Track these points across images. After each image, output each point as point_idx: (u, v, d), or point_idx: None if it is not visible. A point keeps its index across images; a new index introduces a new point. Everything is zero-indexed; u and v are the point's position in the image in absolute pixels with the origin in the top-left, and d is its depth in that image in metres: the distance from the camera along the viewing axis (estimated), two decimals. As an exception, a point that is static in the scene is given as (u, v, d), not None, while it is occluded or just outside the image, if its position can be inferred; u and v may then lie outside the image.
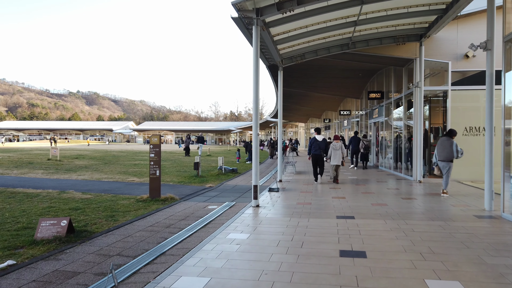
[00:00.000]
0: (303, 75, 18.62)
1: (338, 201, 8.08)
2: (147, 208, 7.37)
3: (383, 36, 11.40)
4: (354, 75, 17.97)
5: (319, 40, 11.11)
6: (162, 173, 14.42)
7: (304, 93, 24.95)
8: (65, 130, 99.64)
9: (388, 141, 16.07)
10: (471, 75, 12.32)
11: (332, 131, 33.47)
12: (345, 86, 21.08)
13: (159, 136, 8.46)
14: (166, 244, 4.91)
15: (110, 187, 10.22)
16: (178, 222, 6.24)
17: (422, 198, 8.53)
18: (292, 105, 33.51)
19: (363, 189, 9.90)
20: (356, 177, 13.13)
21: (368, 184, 10.96)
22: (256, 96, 7.55)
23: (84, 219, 6.29)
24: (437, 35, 11.84)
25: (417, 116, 11.96)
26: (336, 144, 11.52)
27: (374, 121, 18.47)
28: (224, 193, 9.73)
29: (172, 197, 8.44)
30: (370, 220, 6.17)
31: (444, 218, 6.35)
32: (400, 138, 14.16)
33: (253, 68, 7.56)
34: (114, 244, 4.99)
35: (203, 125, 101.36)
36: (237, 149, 24.06)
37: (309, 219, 6.33)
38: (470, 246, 4.69)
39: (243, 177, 13.92)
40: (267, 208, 7.38)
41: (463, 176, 11.86)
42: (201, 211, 7.18)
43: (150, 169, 8.36)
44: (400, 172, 13.83)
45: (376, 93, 16.33)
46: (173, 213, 7.00)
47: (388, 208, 7.26)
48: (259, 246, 4.75)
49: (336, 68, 16.62)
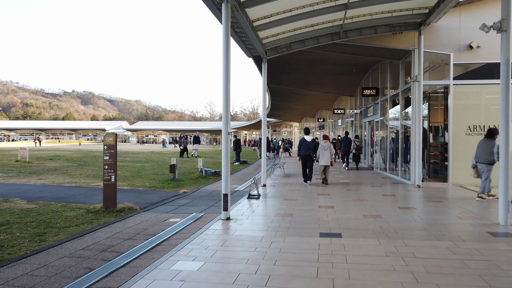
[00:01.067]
0: (294, 71, 17.41)
1: (324, 211, 6.87)
2: (93, 222, 6.12)
3: (378, 24, 10.21)
4: (347, 71, 16.78)
5: (306, 28, 9.90)
6: (137, 176, 13.16)
7: (297, 91, 23.74)
8: (57, 130, 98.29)
9: (384, 141, 14.90)
10: (474, 68, 11.17)
11: (327, 131, 32.32)
12: (339, 83, 19.90)
13: (114, 136, 7.21)
14: (85, 280, 3.66)
15: (67, 194, 8.95)
16: (121, 243, 4.99)
17: (422, 207, 7.35)
18: (284, 103, 32.32)
19: (354, 196, 8.70)
20: (349, 180, 11.93)
21: (361, 189, 9.77)
22: (226, 88, 6.32)
23: (2, 239, 5.03)
24: (437, 23, 10.67)
25: (415, 114, 10.78)
26: (324, 144, 10.97)
27: (369, 120, 17.30)
28: (196, 201, 8.50)
29: (130, 207, 7.19)
30: (361, 240, 4.96)
31: (451, 236, 5.16)
32: (397, 138, 12.98)
33: (222, 53, 6.33)
34: (17, 279, 3.74)
35: (198, 125, 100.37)
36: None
37: (286, 237, 5.11)
38: (492, 284, 3.49)
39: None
40: (239, 221, 6.16)
41: (464, 180, 10.70)
42: (157, 227, 5.93)
43: (104, 174, 7.09)
44: (397, 175, 12.65)
45: (371, 90, 15.16)
46: (122, 229, 5.75)
47: (383, 221, 6.06)
48: (208, 284, 3.52)
49: (328, 63, 15.44)
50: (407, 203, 7.85)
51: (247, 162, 21.50)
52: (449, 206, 7.42)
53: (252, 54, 10.59)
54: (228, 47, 6.34)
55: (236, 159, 21.13)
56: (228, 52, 6.35)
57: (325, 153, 10.80)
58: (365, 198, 8.35)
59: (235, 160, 21.21)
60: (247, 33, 8.57)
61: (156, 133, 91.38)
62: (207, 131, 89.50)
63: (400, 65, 12.42)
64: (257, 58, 11.93)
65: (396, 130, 13.20)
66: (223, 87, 6.34)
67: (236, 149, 21.61)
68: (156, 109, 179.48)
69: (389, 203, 7.77)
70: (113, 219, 6.37)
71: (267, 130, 69.86)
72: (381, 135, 15.38)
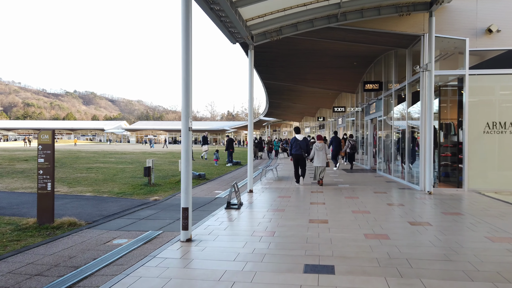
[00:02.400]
0: (290, 64, 15.96)
1: (316, 228, 5.42)
2: (8, 246, 4.68)
3: (382, 3, 8.75)
4: (348, 64, 15.30)
5: (298, 7, 8.44)
6: (110, 180, 11.72)
7: (294, 87, 22.27)
8: (55, 130, 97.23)
9: (388, 140, 13.42)
10: (493, 56, 9.68)
11: (327, 131, 30.85)
12: (339, 78, 18.42)
13: (51, 133, 5.77)
14: None
15: (10, 203, 7.52)
16: (20, 284, 3.54)
17: (439, 222, 5.88)
18: (283, 101, 30.87)
19: (354, 205, 7.23)
20: (348, 184, 10.47)
21: (362, 196, 8.29)
22: (186, 70, 4.89)
23: None
24: (451, 4, 9.20)
25: (425, 108, 9.31)
26: (318, 144, 10.47)
27: (371, 118, 15.82)
28: (163, 212, 7.06)
29: (72, 222, 5.75)
30: (361, 280, 3.50)
31: (488, 272, 3.69)
32: (403, 137, 11.51)
33: (181, 26, 4.91)
34: None
35: (198, 124, 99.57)
36: (216, 150, 21.30)
37: (257, 274, 3.67)
38: None
39: (209, 186, 11.22)
40: (202, 243, 4.72)
41: (483, 185, 9.23)
42: (90, 253, 4.48)
43: (38, 181, 5.64)
44: (403, 179, 11.15)
45: (374, 84, 13.68)
46: (41, 257, 4.29)
47: (390, 244, 4.60)
48: None
49: (327, 55, 13.98)
50: (419, 216, 6.38)
51: (241, 163, 20.06)
52: (472, 221, 5.94)
53: (237, 39, 9.12)
54: (188, 17, 4.91)
55: (228, 160, 19.69)
56: (188, 13, 4.92)
57: (320, 154, 10.32)
58: (367, 209, 6.88)
59: (227, 161, 19.77)
60: (226, 10, 7.11)
61: (156, 133, 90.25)
62: (209, 131, 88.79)
63: (407, 55, 10.94)
64: (244, 45, 10.50)
65: (401, 128, 11.73)
66: (183, 80, 4.90)
67: (228, 149, 20.13)
68: (157, 109, 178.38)
69: (397, 216, 6.30)
70: (40, 240, 4.93)
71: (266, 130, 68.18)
72: (384, 133, 13.90)
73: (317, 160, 10.25)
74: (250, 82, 9.45)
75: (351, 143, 15.67)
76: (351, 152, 15.78)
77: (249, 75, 9.48)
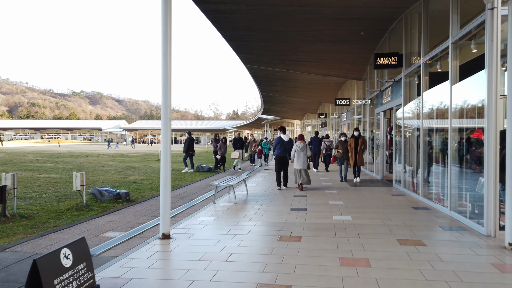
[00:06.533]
0: (272, 37, 11.63)
1: None
2: None
3: None
4: (353, 36, 10.95)
5: None
6: None
7: (286, 74, 17.84)
8: (52, 130, 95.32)
9: (411, 141, 9.03)
10: None
11: (329, 129, 26.45)
12: (340, 58, 14.00)
13: None
14: None
15: None
16: None
17: None
18: (278, 94, 26.42)
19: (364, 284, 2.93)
20: (350, 216, 6.12)
21: (375, 259, 3.98)
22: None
23: None
24: None
25: (493, 82, 4.93)
26: (299, 144, 9.61)
27: (384, 109, 11.44)
28: None
29: None
30: None
31: None
32: (441, 137, 7.17)
33: None
34: None
35: (199, 124, 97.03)
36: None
37: None
38: None
39: (117, 217, 6.90)
40: None
41: None
42: None
43: None
44: (443, 205, 6.74)
45: (390, 58, 9.33)
46: None
47: None
48: None
49: (320, 17, 9.62)
50: None
51: (214, 169, 15.89)
52: None
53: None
54: None
55: (186, 164, 15.60)
56: None
57: (300, 155, 9.58)
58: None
59: (190, 166, 15.55)
60: None
61: (155, 133, 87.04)
62: (210, 131, 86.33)
63: (451, 4, 6.52)
64: None
65: (438, 123, 7.34)
66: None
67: (187, 151, 15.72)
68: (160, 108, 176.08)
69: None
70: None
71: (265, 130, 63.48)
72: (406, 131, 9.49)
73: (297, 162, 9.54)
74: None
75: (326, 144, 15.32)
76: (327, 153, 15.49)
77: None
